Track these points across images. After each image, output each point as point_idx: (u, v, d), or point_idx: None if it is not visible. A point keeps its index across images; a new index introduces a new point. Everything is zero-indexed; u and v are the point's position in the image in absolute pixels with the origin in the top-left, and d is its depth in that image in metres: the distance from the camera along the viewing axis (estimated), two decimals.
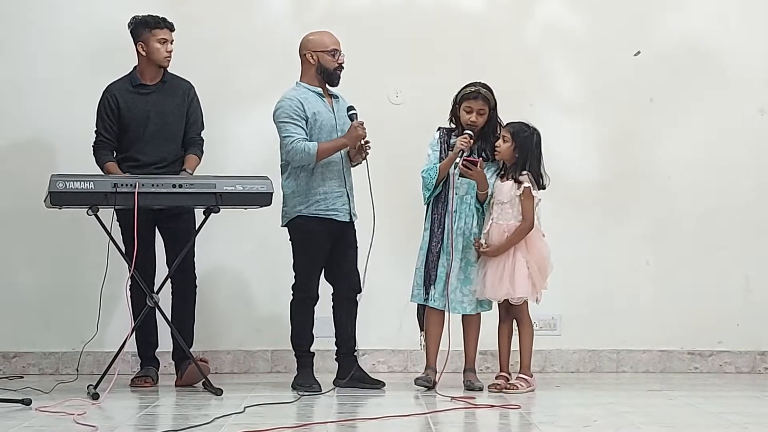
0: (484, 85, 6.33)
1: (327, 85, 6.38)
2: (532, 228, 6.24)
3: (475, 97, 6.31)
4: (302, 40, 6.40)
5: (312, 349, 6.40)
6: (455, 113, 6.38)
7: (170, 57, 6.51)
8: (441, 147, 6.38)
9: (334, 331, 6.44)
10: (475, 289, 6.29)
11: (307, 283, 6.32)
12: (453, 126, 6.42)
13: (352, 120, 6.27)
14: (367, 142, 6.27)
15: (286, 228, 6.37)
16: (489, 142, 6.35)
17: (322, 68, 6.33)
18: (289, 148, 6.23)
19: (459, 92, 6.36)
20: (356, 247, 6.41)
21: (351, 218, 6.36)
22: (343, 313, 6.40)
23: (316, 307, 6.37)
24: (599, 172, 7.33)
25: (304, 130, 6.24)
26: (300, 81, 6.39)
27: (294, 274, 6.34)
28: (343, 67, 6.34)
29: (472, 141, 6.27)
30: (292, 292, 6.35)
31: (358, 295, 6.41)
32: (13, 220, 7.12)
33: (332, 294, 6.43)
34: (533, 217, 6.24)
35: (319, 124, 6.29)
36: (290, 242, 6.36)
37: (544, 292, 6.31)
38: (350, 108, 6.33)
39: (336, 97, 6.43)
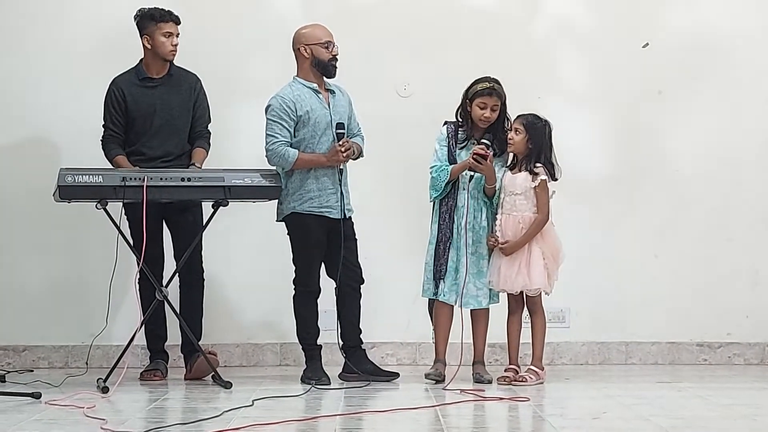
0: (496, 80, 6.28)
1: (324, 78, 6.35)
2: (548, 220, 6.23)
3: (490, 93, 6.25)
4: (295, 35, 6.35)
5: (320, 341, 6.40)
6: (465, 108, 6.34)
7: (175, 51, 6.49)
8: (449, 142, 6.35)
9: (339, 324, 6.42)
10: (489, 281, 6.28)
11: (306, 277, 6.31)
12: (460, 120, 6.38)
13: (338, 138, 6.23)
14: (348, 157, 6.26)
15: (283, 223, 6.37)
16: (498, 137, 6.32)
17: (317, 61, 6.29)
18: (269, 148, 6.23)
19: (470, 87, 6.30)
20: (355, 240, 6.39)
21: (345, 215, 6.31)
22: (347, 306, 6.37)
23: (326, 302, 6.37)
24: (607, 164, 7.31)
25: (290, 132, 6.23)
26: (296, 76, 6.36)
27: (294, 268, 6.34)
28: (337, 59, 6.31)
29: (489, 152, 6.21)
30: (293, 286, 6.36)
31: (361, 286, 6.39)
32: (22, 214, 7.13)
33: (335, 288, 6.38)
34: (549, 209, 6.23)
35: (313, 122, 6.25)
36: (288, 237, 6.36)
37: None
38: (339, 125, 6.27)
39: (333, 92, 6.39)
